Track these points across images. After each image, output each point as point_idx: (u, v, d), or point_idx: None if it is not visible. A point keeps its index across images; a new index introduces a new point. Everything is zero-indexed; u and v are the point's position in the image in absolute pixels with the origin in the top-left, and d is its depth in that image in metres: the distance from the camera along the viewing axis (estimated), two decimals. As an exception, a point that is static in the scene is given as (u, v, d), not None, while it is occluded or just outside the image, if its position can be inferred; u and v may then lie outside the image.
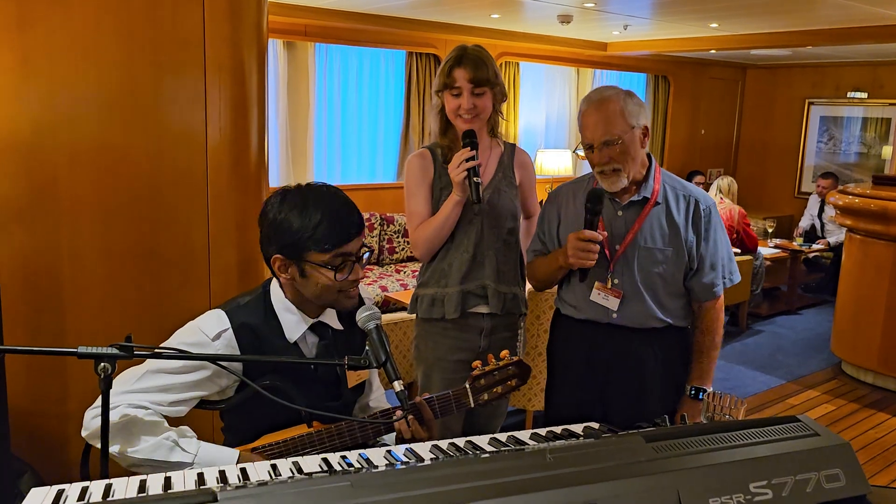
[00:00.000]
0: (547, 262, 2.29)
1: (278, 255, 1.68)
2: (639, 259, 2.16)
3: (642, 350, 2.20)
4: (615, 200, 2.20)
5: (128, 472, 1.56)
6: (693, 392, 2.21)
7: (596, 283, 2.18)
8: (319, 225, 1.62)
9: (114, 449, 1.55)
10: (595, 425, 1.52)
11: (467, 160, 2.26)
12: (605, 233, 2.14)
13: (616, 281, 2.17)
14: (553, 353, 2.41)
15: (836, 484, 1.04)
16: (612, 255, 2.18)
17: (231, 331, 1.68)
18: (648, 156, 2.21)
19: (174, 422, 1.67)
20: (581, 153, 2.18)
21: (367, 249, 1.73)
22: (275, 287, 1.77)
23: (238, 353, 1.68)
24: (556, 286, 2.37)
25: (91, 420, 1.59)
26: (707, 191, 6.33)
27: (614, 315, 2.18)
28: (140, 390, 1.62)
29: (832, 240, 7.27)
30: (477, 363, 1.81)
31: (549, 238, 2.34)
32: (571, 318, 2.28)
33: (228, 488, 0.93)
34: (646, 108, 2.17)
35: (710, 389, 2.22)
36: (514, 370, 1.82)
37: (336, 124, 6.51)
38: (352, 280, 1.69)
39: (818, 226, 7.60)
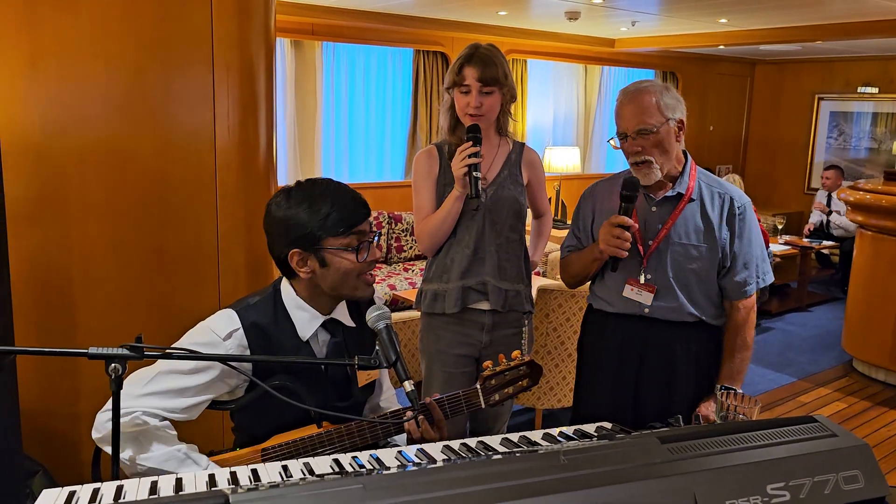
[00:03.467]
0: (582, 255, 2.30)
1: (296, 250, 1.68)
2: (672, 255, 2.15)
3: (675, 343, 2.20)
4: (649, 196, 2.19)
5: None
6: (723, 391, 2.21)
7: (629, 279, 2.19)
8: (332, 211, 1.66)
9: (124, 455, 1.55)
10: (608, 425, 1.51)
11: (470, 156, 2.27)
12: (637, 225, 2.14)
13: (649, 276, 2.17)
14: (585, 347, 2.40)
15: (855, 486, 1.03)
16: (646, 250, 2.17)
17: (242, 330, 1.68)
18: (685, 153, 2.21)
19: (185, 431, 1.67)
20: (616, 143, 2.18)
21: (375, 232, 1.77)
22: (285, 286, 1.77)
23: (248, 352, 1.68)
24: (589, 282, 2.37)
25: (103, 423, 1.59)
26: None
27: (646, 310, 2.18)
28: (153, 393, 1.61)
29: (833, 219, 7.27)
30: (488, 363, 1.80)
31: (584, 234, 2.34)
32: (604, 312, 2.28)
33: (240, 490, 0.92)
34: (683, 102, 2.16)
35: (740, 391, 2.21)
36: (526, 370, 1.80)
37: (344, 123, 6.51)
38: (370, 261, 1.72)
39: (825, 221, 7.55)
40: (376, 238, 1.80)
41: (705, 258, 2.16)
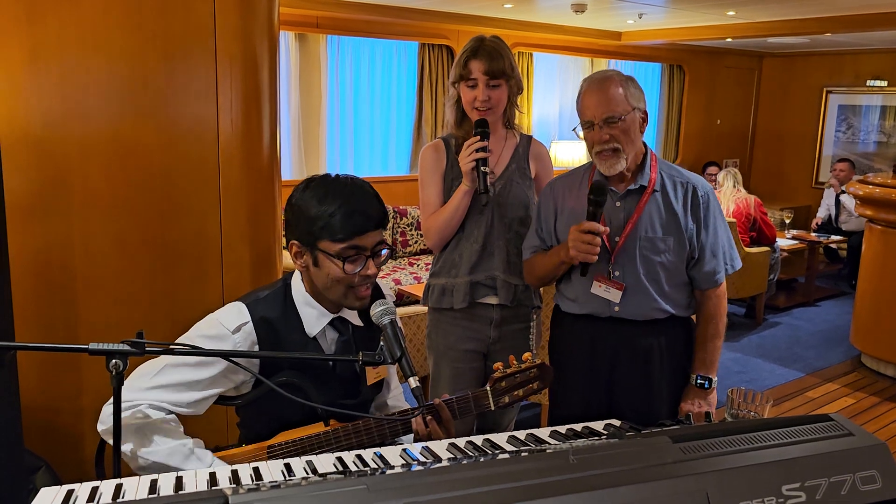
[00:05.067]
0: (547, 258, 2.24)
1: (295, 241, 1.67)
2: (640, 249, 2.13)
3: (646, 341, 2.17)
4: (613, 191, 2.16)
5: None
6: (699, 381, 2.18)
7: (597, 276, 2.15)
8: (335, 214, 1.60)
9: (126, 448, 1.53)
10: (617, 423, 1.48)
11: (477, 150, 2.24)
12: (607, 229, 2.11)
13: (617, 273, 2.14)
14: (556, 349, 2.36)
15: (873, 486, 1.00)
16: (613, 246, 2.14)
17: (251, 324, 1.66)
18: (644, 144, 2.19)
19: (189, 425, 1.65)
20: (580, 133, 2.16)
21: (385, 247, 1.69)
22: (296, 281, 1.75)
23: (257, 346, 1.66)
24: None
25: (109, 415, 1.57)
26: (717, 185, 6.25)
27: (616, 308, 2.15)
28: (160, 386, 1.59)
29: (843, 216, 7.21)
30: (498, 365, 1.78)
31: (547, 233, 2.29)
32: (572, 314, 2.25)
33: (241, 490, 0.90)
34: (644, 94, 2.17)
35: (714, 378, 2.19)
36: (536, 373, 1.78)
37: (348, 117, 6.48)
38: (362, 276, 1.64)
39: (833, 215, 7.50)
40: (384, 252, 1.70)
41: (673, 250, 2.13)
